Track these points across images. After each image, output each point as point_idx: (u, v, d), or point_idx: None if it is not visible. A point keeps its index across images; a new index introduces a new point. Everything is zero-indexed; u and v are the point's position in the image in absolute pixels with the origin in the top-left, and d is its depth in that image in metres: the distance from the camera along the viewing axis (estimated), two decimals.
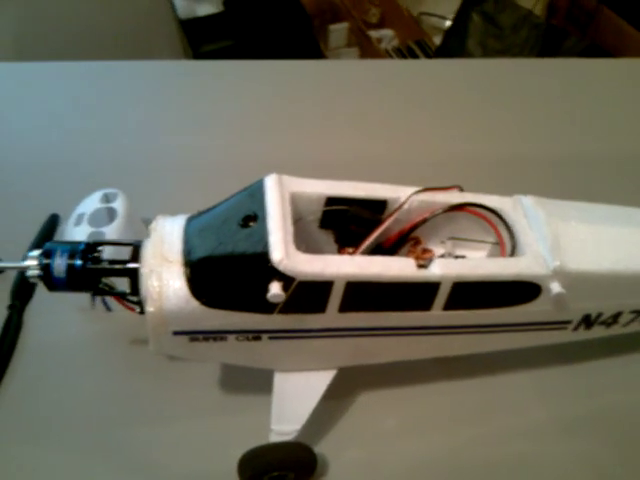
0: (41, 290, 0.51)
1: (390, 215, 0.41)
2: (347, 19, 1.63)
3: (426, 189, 0.42)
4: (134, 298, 0.40)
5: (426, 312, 0.40)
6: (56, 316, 0.51)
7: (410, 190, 0.42)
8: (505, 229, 0.42)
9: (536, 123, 0.75)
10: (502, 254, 0.42)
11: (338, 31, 1.63)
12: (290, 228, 0.37)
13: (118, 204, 0.52)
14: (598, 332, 0.46)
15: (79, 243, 0.38)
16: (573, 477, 0.45)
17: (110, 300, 0.49)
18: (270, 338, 0.40)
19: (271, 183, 0.39)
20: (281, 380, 0.43)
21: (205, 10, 1.38)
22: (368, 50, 1.55)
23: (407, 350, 0.44)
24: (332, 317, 0.39)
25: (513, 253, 0.41)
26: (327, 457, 0.44)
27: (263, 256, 0.35)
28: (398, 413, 0.48)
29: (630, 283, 0.42)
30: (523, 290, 0.40)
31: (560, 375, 0.50)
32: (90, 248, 0.38)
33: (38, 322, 0.49)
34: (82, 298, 0.48)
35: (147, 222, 0.54)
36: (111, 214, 0.51)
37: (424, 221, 0.42)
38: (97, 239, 0.47)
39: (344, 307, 0.38)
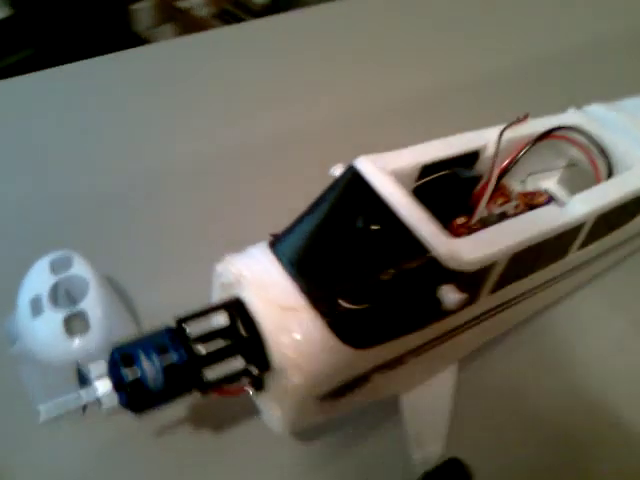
0: None
1: (492, 165, 0.34)
2: None
3: (510, 125, 0.36)
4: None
5: (564, 258, 0.34)
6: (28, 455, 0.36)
7: (491, 131, 0.36)
8: (593, 145, 0.37)
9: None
10: (596, 174, 0.37)
11: (143, 10, 1.46)
12: (426, 213, 0.29)
13: (80, 268, 0.39)
14: None
15: (158, 332, 0.26)
16: None
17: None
18: (415, 356, 0.32)
19: (368, 167, 0.30)
20: (409, 401, 0.35)
21: None
22: (185, 23, 1.42)
23: (530, 308, 0.39)
24: (481, 304, 0.32)
25: (610, 170, 0.37)
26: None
27: (425, 258, 0.27)
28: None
29: None
30: (637, 203, 0.36)
31: (619, 278, 0.48)
32: (178, 332, 0.26)
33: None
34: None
35: (111, 280, 0.42)
36: (76, 283, 0.38)
37: (515, 161, 0.36)
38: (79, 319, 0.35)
39: (497, 286, 0.31)
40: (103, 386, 0.25)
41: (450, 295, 0.27)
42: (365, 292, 0.27)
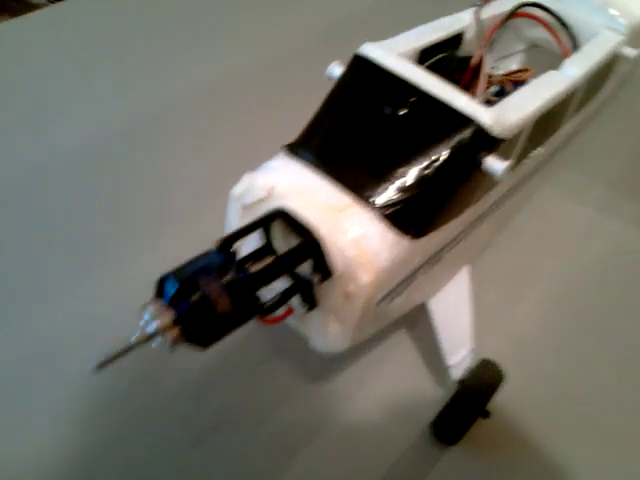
0: None
1: (482, 46, 0.33)
2: None
3: (481, 5, 0.35)
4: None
5: (561, 129, 0.35)
6: None
7: (464, 14, 0.35)
8: (555, 20, 0.38)
9: None
10: (562, 48, 0.38)
11: None
12: (454, 86, 0.27)
13: None
14: None
15: (206, 255, 0.22)
16: None
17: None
18: (449, 250, 0.30)
19: (378, 52, 0.28)
20: (436, 305, 0.34)
21: None
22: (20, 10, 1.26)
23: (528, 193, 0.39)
24: (507, 181, 0.31)
25: (574, 41, 0.37)
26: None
27: (470, 128, 0.25)
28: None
29: None
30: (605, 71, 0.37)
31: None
32: (226, 252, 0.23)
33: None
34: None
35: None
36: None
37: (493, 41, 0.35)
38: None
39: (519, 158, 0.31)
40: (163, 319, 0.20)
41: (497, 163, 0.26)
42: (413, 176, 0.25)
